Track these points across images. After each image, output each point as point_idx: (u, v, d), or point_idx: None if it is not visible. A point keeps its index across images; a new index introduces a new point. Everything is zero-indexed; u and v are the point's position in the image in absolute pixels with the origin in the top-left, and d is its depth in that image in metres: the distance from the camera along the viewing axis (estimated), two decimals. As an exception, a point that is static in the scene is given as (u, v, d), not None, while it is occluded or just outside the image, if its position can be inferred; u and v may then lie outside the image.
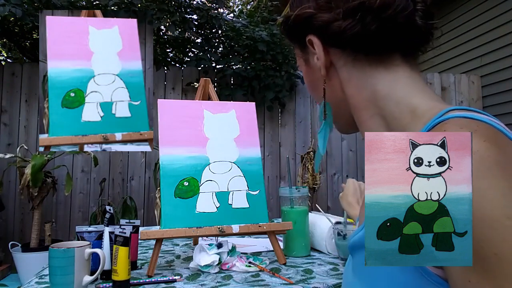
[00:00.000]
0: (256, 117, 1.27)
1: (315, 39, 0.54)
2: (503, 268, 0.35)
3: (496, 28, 4.12)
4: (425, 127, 0.45)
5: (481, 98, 4.45)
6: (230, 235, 1.12)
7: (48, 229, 3.05)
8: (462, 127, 0.41)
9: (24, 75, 3.63)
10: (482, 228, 0.36)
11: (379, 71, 0.53)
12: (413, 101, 0.50)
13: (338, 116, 0.60)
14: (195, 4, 4.03)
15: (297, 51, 0.61)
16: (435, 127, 0.44)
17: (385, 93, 0.52)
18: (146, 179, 3.72)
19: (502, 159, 0.37)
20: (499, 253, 0.35)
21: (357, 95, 0.55)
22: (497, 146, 0.39)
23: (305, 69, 0.61)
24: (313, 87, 0.61)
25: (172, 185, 1.10)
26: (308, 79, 0.62)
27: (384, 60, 0.53)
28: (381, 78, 0.53)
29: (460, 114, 0.43)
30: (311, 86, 0.62)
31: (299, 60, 0.62)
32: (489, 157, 0.37)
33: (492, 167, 0.37)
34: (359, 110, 0.55)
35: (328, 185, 4.05)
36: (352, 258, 0.58)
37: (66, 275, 0.86)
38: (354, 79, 0.54)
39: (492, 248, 0.35)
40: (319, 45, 0.54)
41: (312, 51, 0.56)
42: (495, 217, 0.36)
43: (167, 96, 3.85)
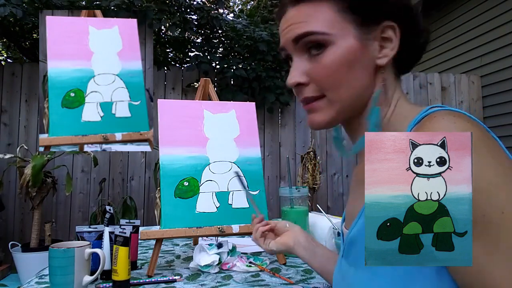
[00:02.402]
0: (256, 117, 1.27)
1: (397, 29, 0.54)
2: (490, 228, 0.40)
3: (496, 28, 4.12)
4: (409, 126, 0.52)
5: (481, 98, 4.45)
6: (230, 235, 1.12)
7: (48, 229, 3.05)
8: (449, 114, 0.46)
9: (24, 75, 3.62)
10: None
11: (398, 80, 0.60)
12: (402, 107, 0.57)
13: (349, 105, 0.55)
14: (196, 5, 4.03)
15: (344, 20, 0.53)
16: (422, 121, 0.49)
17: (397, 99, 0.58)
18: (146, 179, 3.72)
19: (483, 136, 0.44)
20: (486, 214, 0.40)
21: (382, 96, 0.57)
22: (478, 126, 0.45)
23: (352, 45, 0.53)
24: (350, 67, 0.53)
25: (172, 185, 1.10)
26: (348, 59, 0.53)
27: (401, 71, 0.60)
28: (398, 85, 0.59)
29: (443, 108, 0.50)
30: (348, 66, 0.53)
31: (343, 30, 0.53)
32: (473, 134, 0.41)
33: (476, 142, 0.41)
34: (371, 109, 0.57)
35: (328, 185, 4.05)
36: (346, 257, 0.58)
37: (66, 275, 0.86)
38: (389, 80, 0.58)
39: (480, 211, 0.40)
40: (398, 37, 0.54)
41: (378, 37, 0.54)
42: (481, 184, 0.40)
43: (167, 96, 3.85)
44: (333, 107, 0.55)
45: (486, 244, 0.40)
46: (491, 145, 0.44)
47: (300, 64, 0.56)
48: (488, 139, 0.44)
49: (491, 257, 0.40)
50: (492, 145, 0.44)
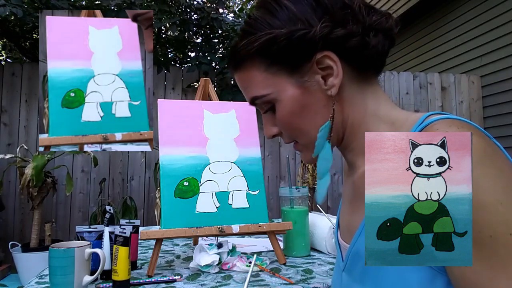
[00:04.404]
0: (256, 117, 1.27)
1: (333, 56, 0.51)
2: (498, 249, 0.38)
3: (496, 28, 4.12)
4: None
5: (481, 98, 4.45)
6: (230, 235, 1.12)
7: (48, 229, 3.05)
8: (451, 125, 0.44)
9: (24, 75, 3.62)
10: (477, 212, 0.37)
11: (368, 91, 0.55)
12: (392, 114, 0.54)
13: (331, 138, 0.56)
14: (196, 5, 4.03)
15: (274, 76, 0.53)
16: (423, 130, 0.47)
17: (372, 112, 0.55)
18: (146, 179, 3.72)
19: (489, 149, 0.41)
20: (493, 235, 0.38)
21: (352, 115, 0.55)
22: (483, 138, 0.42)
23: (294, 94, 0.53)
24: (305, 112, 0.54)
25: (172, 185, 1.10)
26: (298, 105, 0.53)
27: (369, 78, 0.55)
28: (369, 98, 0.55)
29: (443, 116, 0.47)
30: (302, 112, 0.54)
31: (278, 86, 0.53)
32: (479, 148, 0.40)
33: (483, 156, 0.40)
34: (351, 128, 0.55)
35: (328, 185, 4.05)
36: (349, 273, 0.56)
37: (66, 275, 0.86)
38: (352, 99, 0.54)
39: (488, 231, 0.38)
40: (337, 62, 0.51)
41: (315, 71, 0.52)
42: (489, 202, 0.38)
43: (167, 96, 3.85)
44: (309, 148, 0.56)
45: (493, 266, 0.38)
46: (498, 160, 0.42)
47: (267, 119, 0.59)
48: (495, 153, 0.42)
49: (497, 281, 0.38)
50: (499, 160, 0.42)
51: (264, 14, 0.53)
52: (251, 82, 0.55)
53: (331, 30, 0.50)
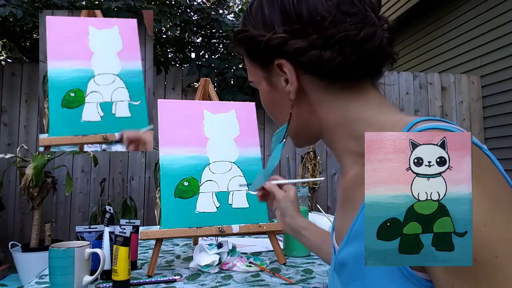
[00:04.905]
0: (256, 117, 1.27)
1: (287, 65, 0.52)
2: (484, 272, 0.36)
3: (496, 28, 4.12)
4: None
5: (481, 98, 4.45)
6: (230, 235, 1.12)
7: (48, 229, 3.05)
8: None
9: (24, 75, 3.63)
10: None
11: (349, 95, 0.54)
12: (382, 119, 0.52)
13: (300, 135, 0.60)
14: (196, 5, 4.03)
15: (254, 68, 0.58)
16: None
17: (355, 116, 0.53)
18: (146, 179, 3.72)
19: (474, 170, 0.37)
20: (478, 258, 0.36)
21: (326, 117, 0.55)
22: (478, 152, 0.40)
23: (266, 88, 0.58)
24: (274, 107, 0.60)
25: (172, 185, 1.10)
26: (269, 99, 0.60)
27: (354, 85, 0.54)
28: (350, 102, 0.54)
29: (429, 126, 0.43)
30: (272, 106, 0.60)
31: (257, 77, 0.59)
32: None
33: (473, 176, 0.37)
34: (329, 131, 0.56)
35: (328, 185, 4.05)
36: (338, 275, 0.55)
37: (66, 275, 0.86)
38: (324, 103, 0.54)
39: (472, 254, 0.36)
40: (291, 71, 0.52)
41: (279, 73, 0.54)
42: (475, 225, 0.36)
43: (167, 96, 3.85)
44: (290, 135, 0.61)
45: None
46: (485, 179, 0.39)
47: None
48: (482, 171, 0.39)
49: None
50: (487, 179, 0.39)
51: (255, 10, 0.56)
52: (247, 68, 0.61)
53: (286, 41, 0.50)
